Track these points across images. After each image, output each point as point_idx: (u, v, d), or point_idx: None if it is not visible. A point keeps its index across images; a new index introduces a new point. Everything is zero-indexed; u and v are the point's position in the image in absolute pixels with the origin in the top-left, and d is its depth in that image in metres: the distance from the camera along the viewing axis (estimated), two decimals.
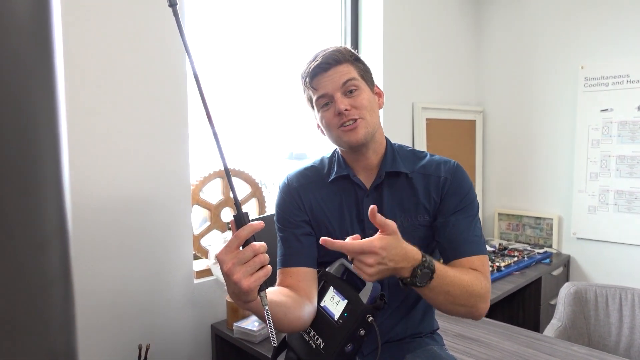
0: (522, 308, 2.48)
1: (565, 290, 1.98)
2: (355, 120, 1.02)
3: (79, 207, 1.41)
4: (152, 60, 1.54)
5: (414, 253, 0.89)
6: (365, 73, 1.08)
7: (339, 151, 1.14)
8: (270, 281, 0.80)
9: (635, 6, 2.37)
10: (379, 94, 1.12)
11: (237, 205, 0.77)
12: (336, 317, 1.03)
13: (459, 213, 1.07)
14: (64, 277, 0.36)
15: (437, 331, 1.21)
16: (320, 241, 0.88)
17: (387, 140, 1.14)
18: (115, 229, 1.49)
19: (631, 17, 2.38)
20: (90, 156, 1.43)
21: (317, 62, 1.03)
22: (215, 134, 0.75)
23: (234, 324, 1.62)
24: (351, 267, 1.09)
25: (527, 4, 2.76)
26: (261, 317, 0.91)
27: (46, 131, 0.35)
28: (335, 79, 1.02)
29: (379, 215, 0.86)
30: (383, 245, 0.85)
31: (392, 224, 0.87)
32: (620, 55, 2.43)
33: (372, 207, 0.86)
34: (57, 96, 0.38)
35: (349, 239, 0.88)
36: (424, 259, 0.89)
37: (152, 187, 1.57)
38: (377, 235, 0.87)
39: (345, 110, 1.01)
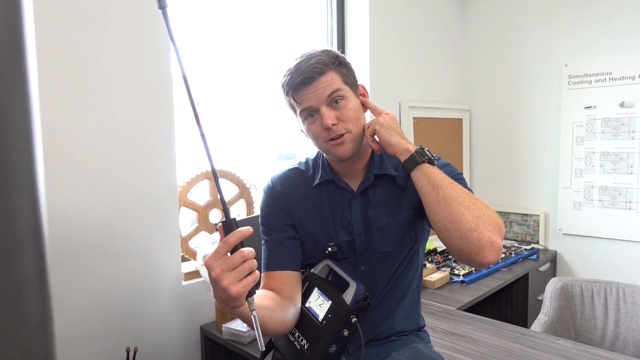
0: (510, 304, 2.51)
1: (552, 285, 2.00)
2: (342, 135, 1.01)
3: (65, 209, 1.40)
4: (137, 61, 1.54)
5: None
6: (349, 77, 1.05)
7: (324, 155, 1.13)
8: (255, 285, 0.81)
9: (617, 5, 2.40)
10: (364, 95, 1.10)
11: (225, 210, 0.76)
12: (320, 318, 1.04)
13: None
14: (39, 277, 0.36)
15: (424, 328, 1.22)
16: None
17: None
18: (102, 232, 1.48)
19: (613, 16, 2.42)
20: (75, 158, 1.42)
21: (300, 76, 0.98)
22: (203, 136, 0.75)
23: (223, 325, 1.62)
24: (335, 267, 1.10)
25: (512, 4, 2.79)
26: (247, 322, 0.91)
27: (19, 133, 0.35)
28: (320, 92, 0.99)
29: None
30: (383, 121, 1.03)
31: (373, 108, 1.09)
32: (603, 53, 2.47)
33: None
34: (29, 96, 0.38)
35: None
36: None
37: (138, 188, 1.56)
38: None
39: (333, 125, 0.99)
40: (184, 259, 1.80)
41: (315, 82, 0.99)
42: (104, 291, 1.50)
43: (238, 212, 2.00)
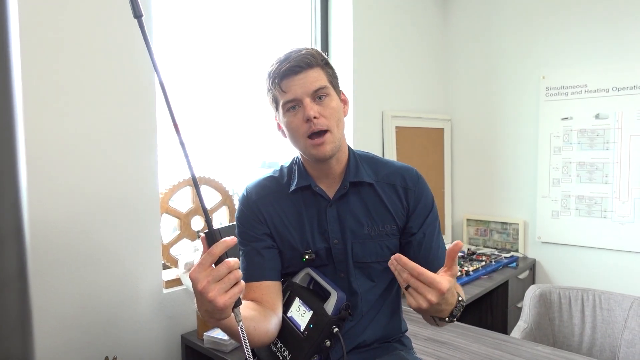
0: (490, 311, 2.54)
1: (531, 292, 2.04)
2: (325, 132, 1.00)
3: (44, 215, 1.37)
4: (120, 67, 1.53)
5: (455, 295, 0.88)
6: (334, 79, 1.07)
7: (300, 159, 1.12)
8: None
9: (593, 20, 2.48)
10: (345, 102, 1.10)
11: (207, 221, 0.75)
12: (302, 328, 1.03)
13: (426, 227, 1.09)
14: (19, 278, 0.35)
15: (406, 333, 1.22)
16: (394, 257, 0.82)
17: (349, 148, 1.13)
18: (82, 239, 1.46)
19: (589, 30, 2.50)
20: (56, 163, 1.40)
21: (289, 64, 0.99)
22: (182, 145, 0.74)
23: (205, 333, 1.60)
24: (316, 276, 1.09)
25: (492, 17, 2.86)
26: (231, 334, 0.90)
27: (1, 136, 0.35)
28: (306, 85, 0.99)
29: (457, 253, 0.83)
30: (450, 287, 0.81)
31: (456, 267, 0.85)
32: (579, 66, 2.54)
33: (458, 243, 0.81)
34: (13, 100, 0.37)
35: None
36: (459, 299, 0.89)
37: (120, 195, 1.54)
38: (444, 274, 0.83)
39: (314, 117, 0.98)
40: (165, 267, 1.77)
41: (303, 73, 1.00)
42: (83, 299, 1.47)
43: (221, 219, 1.99)
